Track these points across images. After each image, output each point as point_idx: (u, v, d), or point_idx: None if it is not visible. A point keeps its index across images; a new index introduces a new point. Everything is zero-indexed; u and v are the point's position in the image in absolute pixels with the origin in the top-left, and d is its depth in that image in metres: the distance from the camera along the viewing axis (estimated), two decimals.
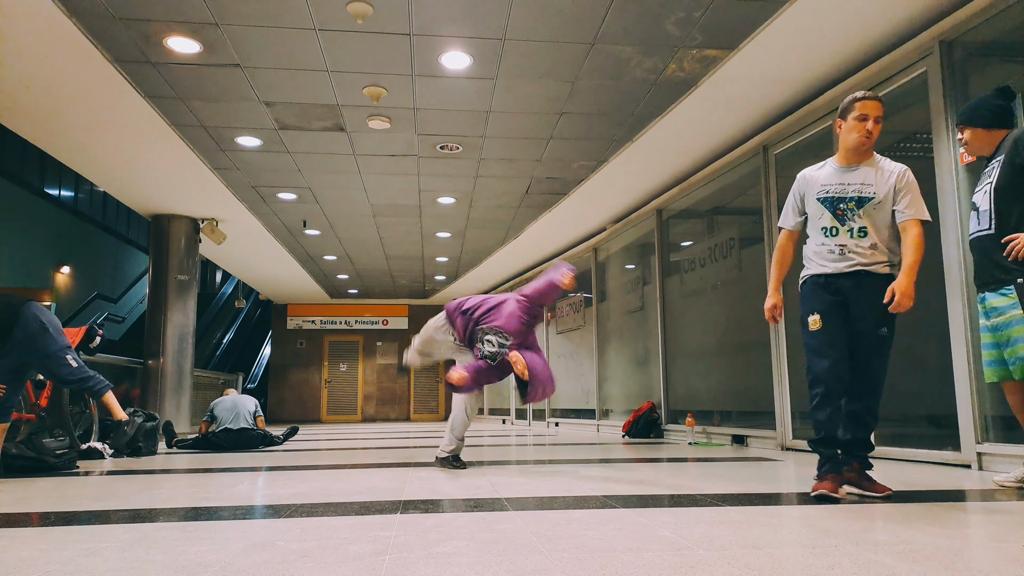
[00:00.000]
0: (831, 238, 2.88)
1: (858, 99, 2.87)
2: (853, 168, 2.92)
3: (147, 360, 8.30)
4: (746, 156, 5.98)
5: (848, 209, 2.86)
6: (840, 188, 2.89)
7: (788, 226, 3.09)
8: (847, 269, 2.85)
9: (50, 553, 1.90)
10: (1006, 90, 3.07)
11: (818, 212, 2.94)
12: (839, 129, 2.94)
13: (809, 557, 1.74)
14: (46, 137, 6.03)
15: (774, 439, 5.41)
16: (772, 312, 3.12)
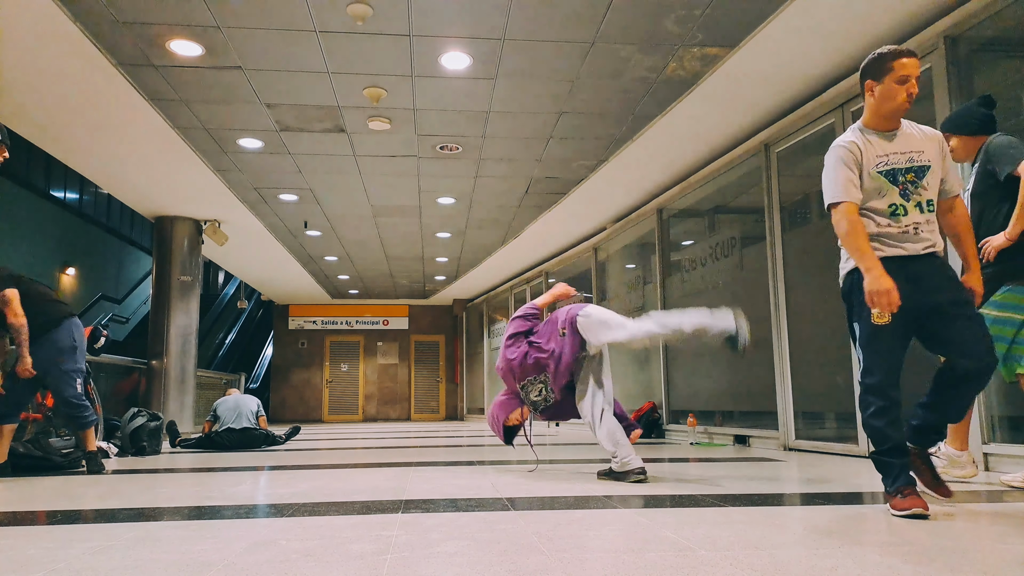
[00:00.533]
0: (901, 216, 2.47)
1: (895, 56, 2.46)
2: (894, 134, 2.55)
3: (151, 360, 8.32)
4: (747, 154, 5.98)
5: (908, 181, 2.49)
6: (896, 158, 2.51)
7: (854, 198, 2.48)
8: (922, 251, 2.46)
9: (56, 551, 1.91)
10: (988, 99, 3.16)
11: (878, 187, 2.49)
12: (870, 93, 2.54)
13: (812, 558, 1.75)
14: (51, 140, 6.05)
15: (776, 439, 5.41)
16: (892, 296, 2.33)
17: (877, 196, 2.50)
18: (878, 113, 2.54)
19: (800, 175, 5.50)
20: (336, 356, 16.06)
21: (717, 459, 4.65)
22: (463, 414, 15.96)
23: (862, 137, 2.54)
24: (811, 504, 2.70)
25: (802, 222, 5.47)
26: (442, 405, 16.20)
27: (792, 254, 5.38)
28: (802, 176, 5.50)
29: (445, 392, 16.24)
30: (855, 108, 4.75)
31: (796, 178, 5.53)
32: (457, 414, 16.09)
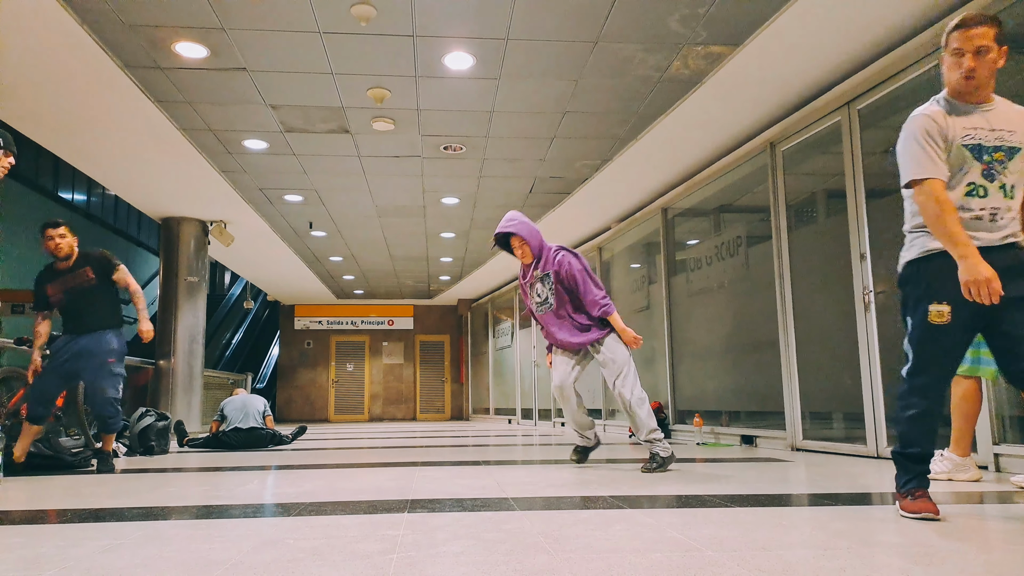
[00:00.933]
0: (980, 199, 2.23)
1: (954, 28, 2.29)
2: (983, 108, 2.31)
3: (158, 360, 8.36)
4: (753, 153, 5.97)
5: (995, 161, 2.25)
6: (983, 133, 2.26)
7: (941, 175, 2.22)
8: (1000, 241, 2.23)
9: (67, 550, 1.93)
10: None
11: (960, 163, 2.25)
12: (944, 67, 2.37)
13: (820, 559, 1.75)
14: (59, 142, 6.08)
15: (784, 439, 5.40)
16: (994, 285, 2.09)
17: (960, 173, 2.25)
18: (948, 86, 2.34)
19: (807, 173, 5.49)
20: (342, 356, 16.10)
21: (724, 459, 4.64)
22: (468, 414, 15.97)
23: (946, 106, 2.31)
24: (819, 505, 2.69)
25: (809, 221, 5.46)
26: (447, 405, 16.22)
27: (798, 253, 5.37)
28: (809, 174, 5.49)
29: (450, 392, 16.26)
30: (862, 106, 4.73)
31: (802, 176, 5.52)
32: (462, 414, 16.10)
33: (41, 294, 4.52)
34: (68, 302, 4.48)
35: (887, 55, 4.46)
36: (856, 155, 4.72)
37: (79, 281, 4.51)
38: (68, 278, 4.50)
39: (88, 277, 4.53)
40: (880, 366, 4.41)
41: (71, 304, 4.48)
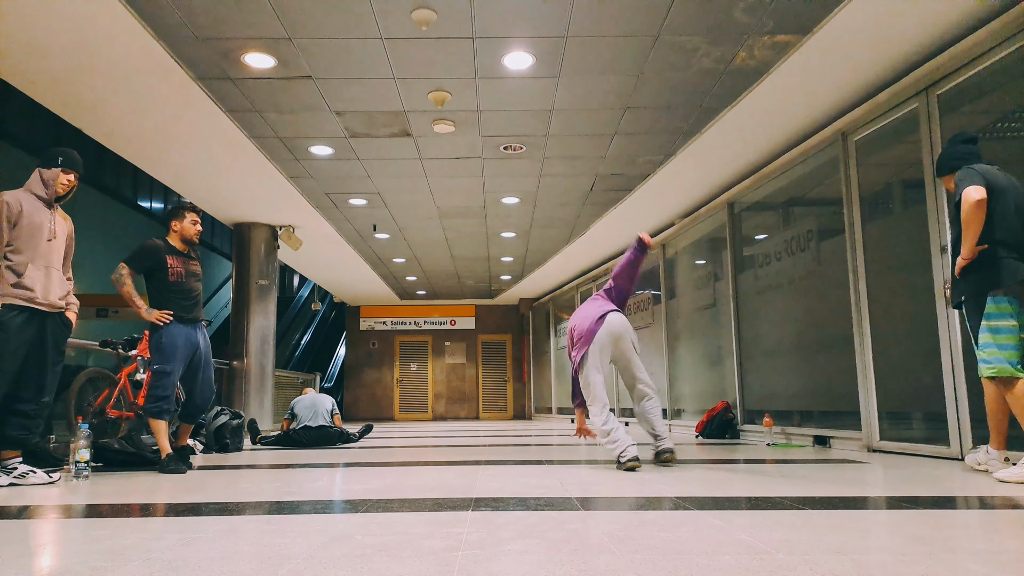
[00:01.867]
0: None
1: None
2: None
3: (232, 361, 8.68)
4: (823, 144, 5.76)
5: None
6: None
7: None
8: None
9: (150, 542, 2.01)
10: (963, 135, 3.62)
11: None
12: None
13: (899, 565, 1.67)
14: (138, 153, 6.39)
15: (859, 440, 5.19)
16: None
17: None
18: None
19: (881, 164, 5.26)
20: (405, 356, 16.36)
21: (796, 460, 4.50)
22: (531, 413, 15.99)
23: None
24: (898, 508, 2.57)
25: (884, 213, 5.24)
26: (510, 404, 16.28)
27: (873, 246, 5.15)
28: (884, 165, 5.27)
29: (512, 391, 16.31)
30: (941, 91, 4.50)
31: (877, 167, 5.29)
32: (525, 413, 16.13)
33: (158, 260, 4.44)
34: (186, 285, 4.50)
35: (968, 36, 4.22)
36: (935, 143, 4.50)
37: (195, 267, 4.63)
38: (187, 260, 4.58)
39: (199, 270, 4.70)
40: (963, 363, 4.19)
41: (189, 290, 4.51)
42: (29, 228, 3.65)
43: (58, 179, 3.77)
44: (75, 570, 1.69)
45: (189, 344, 4.45)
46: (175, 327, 4.40)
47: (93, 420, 4.95)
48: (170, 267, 4.45)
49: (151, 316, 4.36)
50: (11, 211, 3.60)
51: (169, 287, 4.44)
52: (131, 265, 4.41)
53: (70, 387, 5.02)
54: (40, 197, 3.75)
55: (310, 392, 7.47)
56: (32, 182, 3.77)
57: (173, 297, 4.44)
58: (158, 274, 4.44)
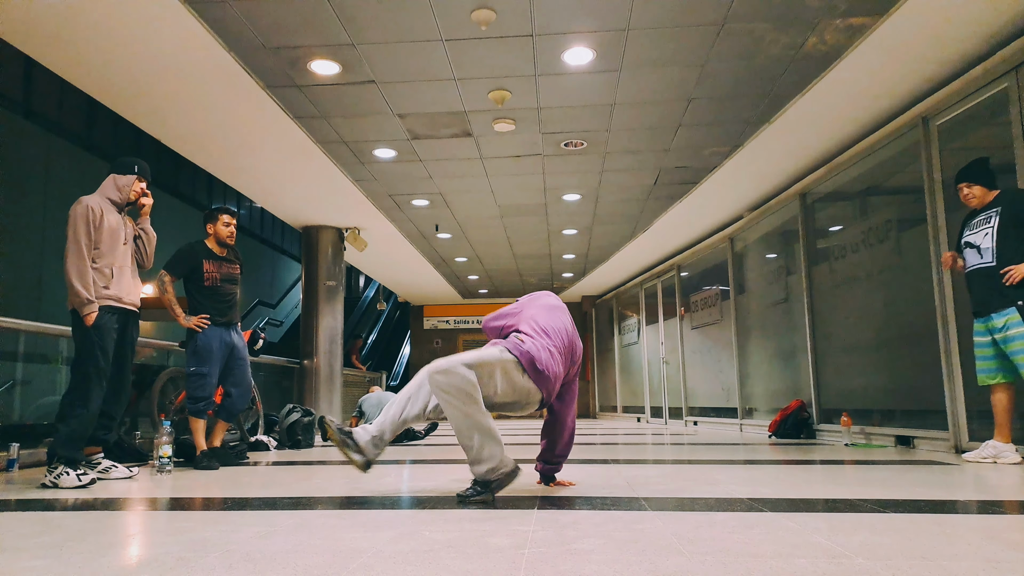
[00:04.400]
0: None
1: None
2: None
3: (303, 360, 8.93)
4: (902, 130, 5.49)
5: None
6: None
7: None
8: None
9: (229, 535, 2.09)
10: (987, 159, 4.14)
11: None
12: None
13: (991, 573, 1.56)
14: (211, 160, 6.65)
15: (946, 440, 4.93)
16: None
17: None
18: None
19: (966, 148, 4.98)
20: None
21: (876, 461, 4.30)
22: (595, 411, 15.87)
23: None
24: (989, 513, 2.42)
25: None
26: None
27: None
28: (969, 149, 4.98)
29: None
30: None
31: (961, 152, 5.01)
32: (589, 411, 16.02)
33: (195, 265, 4.60)
34: (221, 289, 4.64)
35: None
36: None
37: (232, 270, 4.77)
38: (224, 264, 4.72)
39: (238, 271, 4.85)
40: None
41: (223, 293, 4.64)
42: (109, 233, 3.77)
43: (132, 186, 3.91)
44: (161, 559, 1.77)
45: (224, 345, 4.59)
46: (210, 330, 4.55)
47: (174, 417, 5.17)
48: (205, 272, 4.61)
49: (189, 323, 4.54)
50: (94, 215, 3.72)
51: (204, 291, 4.61)
52: (170, 271, 4.59)
53: (152, 386, 5.26)
54: (113, 202, 3.86)
55: (377, 390, 7.62)
56: (106, 187, 3.87)
57: (207, 301, 4.59)
58: (194, 277, 4.61)
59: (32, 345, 6.16)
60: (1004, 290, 3.89)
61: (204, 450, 4.46)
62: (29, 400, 7.93)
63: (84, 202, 3.71)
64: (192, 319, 4.53)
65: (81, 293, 3.58)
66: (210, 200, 15.78)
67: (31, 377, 7.54)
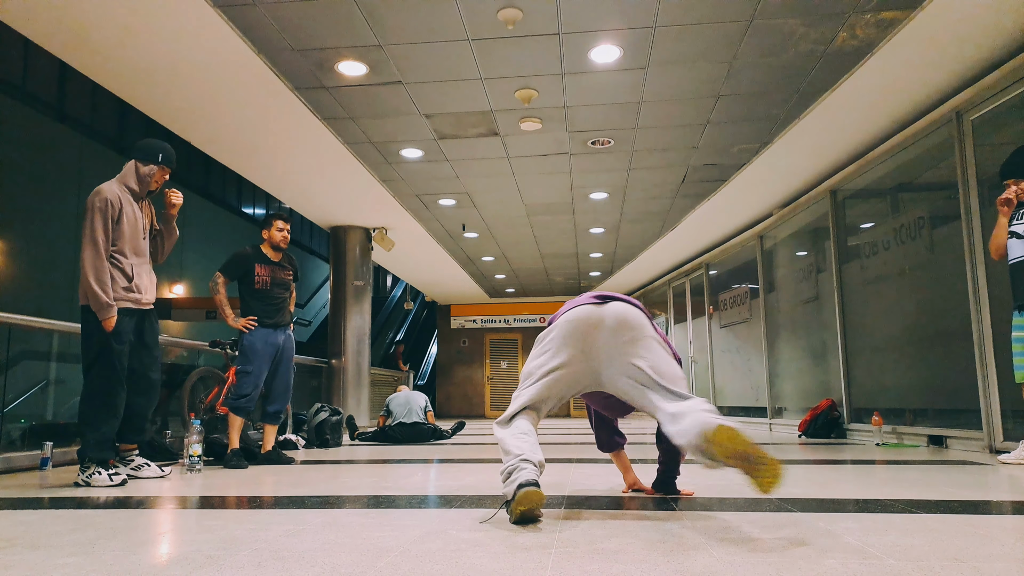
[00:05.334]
0: None
1: None
2: None
3: (331, 359, 9.03)
4: (935, 125, 5.39)
5: None
6: None
7: None
8: None
9: (257, 532, 2.12)
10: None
11: None
12: None
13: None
14: (241, 162, 6.75)
15: (980, 440, 4.83)
16: None
17: None
18: None
19: (1001, 143, 4.86)
20: (496, 354, 16.53)
21: (908, 461, 4.23)
22: None
23: None
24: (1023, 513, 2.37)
25: None
26: None
27: (993, 232, 4.77)
28: (1004, 144, 4.86)
29: None
30: None
31: (996, 147, 4.89)
32: None
33: (247, 268, 4.66)
34: (271, 293, 4.71)
35: None
36: None
37: (284, 276, 4.84)
38: (276, 269, 4.79)
39: (290, 277, 4.93)
40: None
41: (273, 297, 4.71)
42: (130, 226, 3.55)
43: (155, 176, 3.67)
44: (191, 557, 1.80)
45: (269, 345, 4.66)
46: (256, 331, 4.63)
47: (204, 416, 5.24)
48: (257, 275, 4.70)
49: (237, 324, 4.63)
50: (114, 209, 3.48)
51: (254, 294, 4.69)
52: (224, 273, 4.70)
53: (183, 385, 5.35)
54: (132, 190, 3.62)
55: (404, 389, 7.67)
56: (126, 175, 3.63)
57: (256, 303, 4.69)
58: (247, 280, 4.71)
59: (65, 345, 6.30)
60: None
61: (235, 448, 4.52)
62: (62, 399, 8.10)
63: (103, 192, 3.48)
64: (240, 320, 4.64)
65: (100, 297, 3.38)
66: (239, 202, 16.02)
67: (64, 377, 7.71)
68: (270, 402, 4.79)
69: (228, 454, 4.49)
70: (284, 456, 4.71)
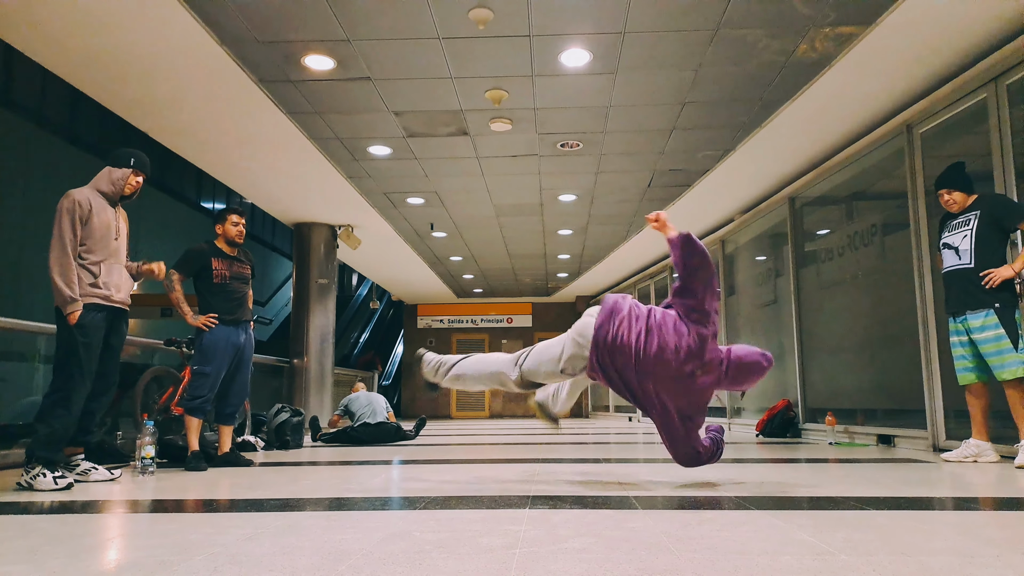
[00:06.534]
0: None
1: None
2: None
3: (292, 359, 8.91)
4: (888, 137, 5.56)
5: None
6: None
7: None
8: None
9: (214, 537, 2.08)
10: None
11: None
12: None
13: (967, 567, 1.61)
14: (201, 155, 6.63)
15: (925, 439, 5.00)
16: None
17: None
18: None
19: (948, 156, 5.05)
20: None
21: (859, 460, 4.36)
22: (587, 411, 15.93)
23: None
24: (965, 509, 2.48)
25: None
26: None
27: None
28: (951, 157, 5.04)
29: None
30: (1011, 81, 4.30)
31: (943, 159, 5.07)
32: (581, 411, 16.08)
33: (204, 263, 4.56)
34: (230, 287, 4.60)
35: None
36: (1004, 134, 4.31)
37: (242, 270, 4.72)
38: (233, 263, 4.67)
39: (248, 271, 4.83)
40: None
41: (232, 291, 4.60)
42: (100, 227, 3.63)
43: (128, 179, 3.78)
44: (143, 563, 1.74)
45: (230, 345, 4.55)
46: (217, 329, 4.51)
47: (158, 417, 5.11)
48: (215, 269, 4.57)
49: (196, 322, 4.49)
50: (82, 210, 3.57)
51: (212, 289, 4.57)
52: (179, 270, 4.55)
53: (136, 385, 5.21)
54: (106, 195, 3.72)
55: (362, 388, 7.57)
56: (100, 180, 3.75)
57: (216, 299, 4.56)
58: (203, 276, 4.58)
59: (8, 343, 6.04)
60: (982, 292, 3.95)
61: (195, 451, 4.44)
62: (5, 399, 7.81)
63: (72, 196, 3.58)
64: (200, 318, 4.51)
65: (64, 291, 3.45)
66: (199, 196, 15.70)
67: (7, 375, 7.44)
68: (226, 403, 4.67)
69: (188, 456, 4.39)
70: (242, 458, 4.62)
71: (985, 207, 4.05)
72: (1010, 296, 3.91)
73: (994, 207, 4.02)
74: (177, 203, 14.76)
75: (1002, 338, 3.86)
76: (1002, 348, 3.86)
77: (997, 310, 3.89)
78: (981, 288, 3.95)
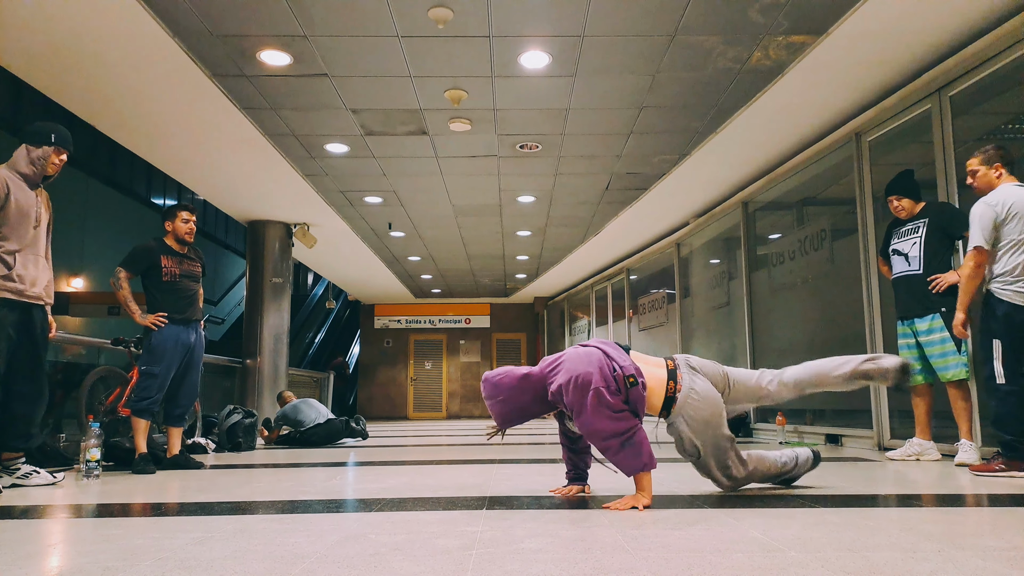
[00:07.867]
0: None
1: None
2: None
3: (245, 359, 8.73)
4: (837, 144, 5.73)
5: None
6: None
7: None
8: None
9: (162, 541, 2.03)
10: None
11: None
12: None
13: (909, 562, 1.66)
14: (152, 150, 6.45)
15: (870, 439, 5.17)
16: None
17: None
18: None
19: (895, 164, 5.22)
20: (420, 354, 16.41)
21: None
22: None
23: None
24: (907, 506, 2.57)
25: None
26: None
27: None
28: (897, 165, 5.22)
29: None
30: (953, 93, 4.47)
31: (890, 167, 5.25)
32: None
33: (152, 261, 4.44)
34: (180, 285, 4.48)
35: (980, 39, 4.20)
36: (947, 144, 4.49)
37: (192, 267, 4.60)
38: (183, 260, 4.56)
39: (198, 269, 4.71)
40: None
41: (182, 289, 4.49)
42: (17, 212, 3.31)
43: (50, 159, 3.46)
44: (87, 570, 1.69)
45: (180, 345, 4.44)
46: (167, 329, 4.40)
47: (104, 419, 4.96)
48: (164, 267, 4.46)
49: (145, 321, 4.37)
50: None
51: (161, 287, 4.45)
52: (127, 268, 4.43)
53: (81, 385, 5.04)
54: (25, 176, 3.39)
55: (293, 397, 7.40)
56: (17, 160, 3.41)
57: (166, 297, 4.45)
58: (152, 274, 4.47)
59: None
60: (930, 296, 4.11)
61: (143, 453, 4.31)
62: None
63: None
64: (148, 317, 4.37)
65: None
66: (149, 191, 15.26)
67: None
68: (176, 404, 4.55)
69: (136, 459, 4.27)
70: (192, 460, 4.52)
71: (933, 215, 4.21)
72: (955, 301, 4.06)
73: (941, 216, 4.18)
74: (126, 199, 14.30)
75: (947, 341, 4.01)
76: (946, 351, 4.01)
77: (943, 314, 4.04)
78: (929, 293, 4.11)
